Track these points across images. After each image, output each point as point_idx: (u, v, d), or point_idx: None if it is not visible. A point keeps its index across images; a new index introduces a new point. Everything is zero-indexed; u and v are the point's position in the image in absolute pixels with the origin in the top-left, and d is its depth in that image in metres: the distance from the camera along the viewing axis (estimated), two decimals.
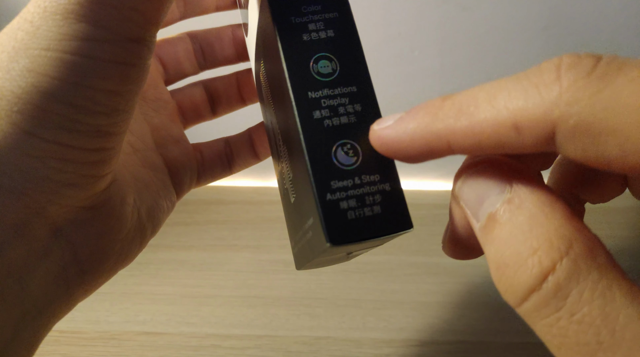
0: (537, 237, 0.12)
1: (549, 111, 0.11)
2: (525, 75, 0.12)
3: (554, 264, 0.11)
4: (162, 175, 0.24)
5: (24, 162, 0.16)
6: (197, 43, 0.27)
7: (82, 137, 0.16)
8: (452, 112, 0.13)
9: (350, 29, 0.17)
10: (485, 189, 0.13)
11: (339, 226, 0.14)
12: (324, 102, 0.15)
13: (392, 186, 0.15)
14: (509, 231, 0.12)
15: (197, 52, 0.27)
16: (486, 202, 0.13)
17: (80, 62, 0.15)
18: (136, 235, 0.21)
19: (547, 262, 0.11)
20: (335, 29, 0.16)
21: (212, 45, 0.27)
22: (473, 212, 0.13)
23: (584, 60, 0.11)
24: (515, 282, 0.12)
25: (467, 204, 0.14)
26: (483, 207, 0.13)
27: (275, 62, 0.17)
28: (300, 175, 0.16)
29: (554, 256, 0.11)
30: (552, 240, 0.11)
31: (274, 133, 0.21)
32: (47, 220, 0.17)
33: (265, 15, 0.17)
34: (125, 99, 0.17)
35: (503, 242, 0.12)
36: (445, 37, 0.41)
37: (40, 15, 0.15)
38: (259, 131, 0.27)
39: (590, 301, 0.11)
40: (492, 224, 0.13)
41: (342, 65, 0.16)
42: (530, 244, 0.12)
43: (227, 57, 0.27)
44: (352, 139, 0.15)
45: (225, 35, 0.27)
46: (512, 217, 0.12)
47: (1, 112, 0.15)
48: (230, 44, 0.27)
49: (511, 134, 0.12)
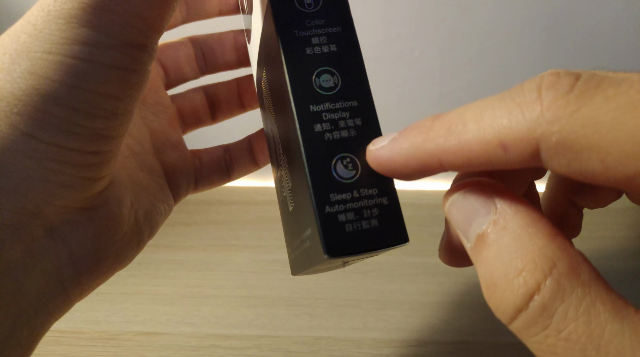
0: (521, 258, 0.12)
1: (531, 130, 0.12)
2: (509, 95, 0.12)
3: (538, 285, 0.12)
4: (160, 179, 0.24)
5: (22, 163, 0.16)
6: (199, 48, 0.27)
7: (80, 140, 0.16)
8: (442, 131, 0.13)
9: (352, 44, 0.17)
10: (472, 210, 0.14)
11: (336, 238, 0.14)
12: (325, 116, 0.16)
13: (389, 200, 0.15)
14: (496, 252, 0.13)
15: (198, 56, 0.27)
16: (474, 223, 0.13)
17: (81, 66, 0.15)
18: (133, 237, 0.21)
19: (531, 282, 0.12)
20: (338, 44, 0.17)
21: (214, 51, 0.27)
22: (463, 232, 0.14)
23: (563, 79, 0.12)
24: (504, 302, 0.12)
25: (457, 224, 0.14)
26: (472, 228, 0.13)
27: (278, 73, 0.17)
28: (300, 186, 0.16)
29: (538, 276, 0.12)
30: (535, 260, 0.12)
31: (274, 140, 0.21)
32: (43, 220, 0.17)
33: (270, 26, 0.17)
34: (124, 103, 0.17)
35: (491, 263, 0.13)
36: (445, 38, 0.41)
37: (44, 19, 0.15)
38: (259, 138, 0.27)
39: (575, 318, 0.11)
40: (481, 244, 0.13)
41: (343, 79, 0.16)
42: (516, 265, 0.12)
43: (228, 63, 0.27)
44: (352, 153, 0.15)
45: (226, 41, 0.27)
46: (498, 238, 0.13)
47: (1, 113, 0.15)
48: (232, 50, 0.27)
49: (498, 151, 0.12)
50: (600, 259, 0.39)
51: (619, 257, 0.39)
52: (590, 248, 0.40)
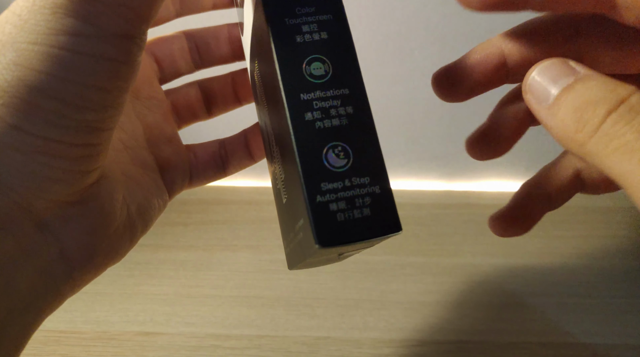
0: (612, 83, 0.14)
1: None
2: None
3: (629, 94, 0.14)
4: (153, 174, 0.23)
5: (10, 156, 0.16)
6: (193, 41, 0.26)
7: (69, 133, 0.16)
8: None
9: (343, 32, 0.17)
10: (558, 72, 0.15)
11: (328, 227, 0.14)
12: (315, 104, 0.15)
13: (381, 189, 0.15)
14: (585, 88, 0.15)
15: (192, 50, 0.26)
16: (560, 81, 0.15)
17: (68, 57, 0.15)
18: (125, 232, 0.21)
19: (623, 92, 0.14)
20: (328, 31, 0.16)
21: (208, 44, 0.27)
22: (545, 91, 0.16)
23: None
24: (592, 112, 0.14)
25: (539, 86, 0.16)
26: (558, 84, 0.15)
27: (268, 62, 0.17)
28: (292, 176, 0.16)
29: (629, 89, 0.14)
30: (624, 84, 0.14)
31: (267, 134, 0.21)
32: (33, 215, 0.17)
33: (260, 15, 0.17)
34: (113, 95, 0.17)
35: (580, 94, 0.15)
36: (445, 38, 0.41)
37: (29, 9, 0.15)
38: (255, 132, 0.27)
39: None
40: (567, 91, 0.15)
41: (334, 67, 0.16)
42: (607, 86, 0.14)
43: (223, 56, 0.27)
44: (343, 141, 0.15)
45: (221, 34, 0.26)
46: (584, 82, 0.15)
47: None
48: (227, 43, 0.27)
49: None
50: (600, 259, 0.39)
51: (619, 257, 0.39)
52: (591, 248, 0.40)
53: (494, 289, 0.38)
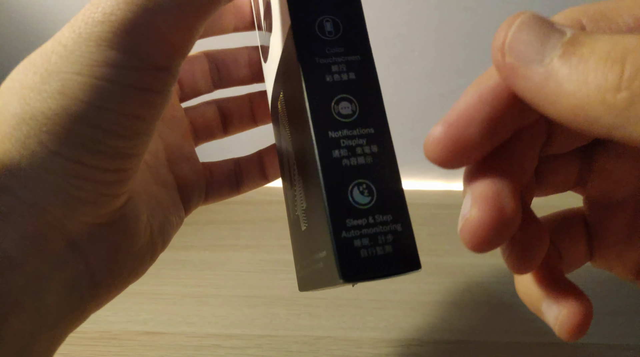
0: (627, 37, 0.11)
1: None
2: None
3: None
4: (172, 192, 0.24)
5: (46, 178, 0.16)
6: (214, 63, 0.27)
7: (103, 158, 0.17)
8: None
9: (370, 73, 0.17)
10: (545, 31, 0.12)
11: (352, 263, 0.15)
12: (343, 142, 0.16)
13: (403, 226, 0.16)
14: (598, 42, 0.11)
15: (212, 71, 0.27)
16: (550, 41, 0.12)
17: (108, 87, 0.16)
18: (148, 250, 0.21)
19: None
20: (356, 72, 0.17)
21: (228, 66, 0.27)
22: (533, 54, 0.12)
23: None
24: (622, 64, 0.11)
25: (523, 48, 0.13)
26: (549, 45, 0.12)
27: (297, 97, 0.17)
28: (316, 208, 0.16)
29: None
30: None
31: (287, 159, 0.21)
32: (63, 234, 0.18)
33: (291, 51, 0.18)
34: (147, 123, 0.17)
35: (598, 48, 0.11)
36: (445, 38, 0.41)
37: (75, 40, 0.16)
38: (270, 153, 0.27)
39: None
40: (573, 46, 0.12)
41: (361, 107, 0.16)
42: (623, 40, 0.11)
43: (242, 78, 0.28)
44: (368, 179, 0.16)
45: (241, 57, 0.27)
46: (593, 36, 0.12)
47: (31, 131, 0.16)
48: (246, 66, 0.27)
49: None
50: None
51: None
52: None
53: (494, 289, 0.38)
